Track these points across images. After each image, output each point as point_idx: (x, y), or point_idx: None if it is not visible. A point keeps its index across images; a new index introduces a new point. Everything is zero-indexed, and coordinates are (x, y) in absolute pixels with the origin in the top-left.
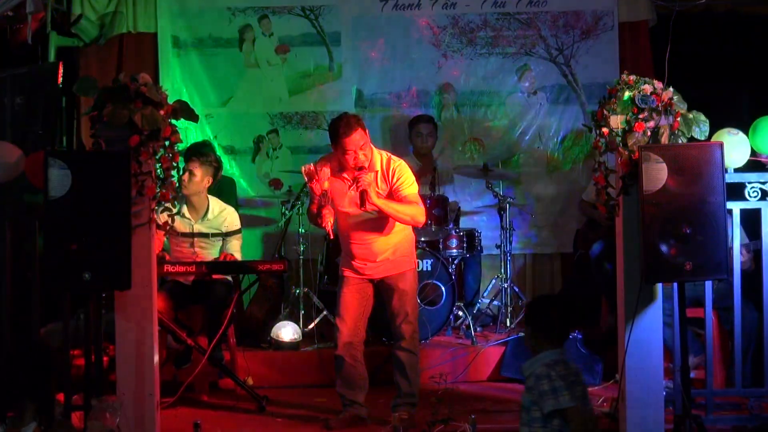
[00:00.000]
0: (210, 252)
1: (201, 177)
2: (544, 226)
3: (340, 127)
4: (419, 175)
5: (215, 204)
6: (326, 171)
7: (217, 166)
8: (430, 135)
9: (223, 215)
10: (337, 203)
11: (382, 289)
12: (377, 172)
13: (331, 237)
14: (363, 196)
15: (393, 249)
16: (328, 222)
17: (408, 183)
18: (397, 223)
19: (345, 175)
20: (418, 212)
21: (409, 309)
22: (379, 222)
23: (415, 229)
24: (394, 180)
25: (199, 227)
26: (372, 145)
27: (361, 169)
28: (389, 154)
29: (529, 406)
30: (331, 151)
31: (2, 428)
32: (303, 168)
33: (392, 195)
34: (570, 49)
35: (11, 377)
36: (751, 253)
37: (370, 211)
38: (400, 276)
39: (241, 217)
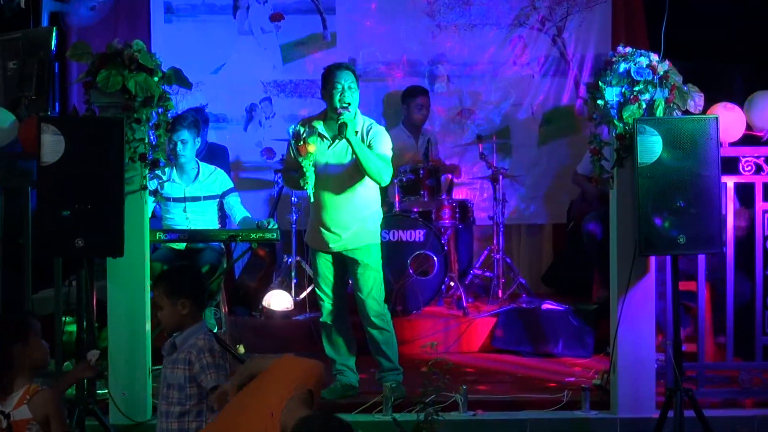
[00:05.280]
0: (203, 216)
1: (192, 141)
2: (536, 197)
3: (334, 64)
4: (409, 147)
5: (205, 167)
6: (313, 136)
7: (198, 122)
8: (426, 107)
9: (214, 176)
10: (317, 163)
11: (347, 264)
12: (357, 132)
13: (312, 200)
14: (342, 127)
15: (361, 222)
16: (311, 183)
17: (380, 143)
18: (368, 197)
19: (326, 133)
20: (385, 168)
21: (373, 284)
22: (353, 192)
23: (408, 198)
24: (369, 138)
25: (190, 191)
26: (359, 110)
27: (345, 107)
28: (372, 120)
29: (185, 382)
30: (312, 116)
31: None
32: (291, 130)
33: None
34: (563, 21)
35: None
36: (748, 222)
37: (346, 139)
38: (364, 249)
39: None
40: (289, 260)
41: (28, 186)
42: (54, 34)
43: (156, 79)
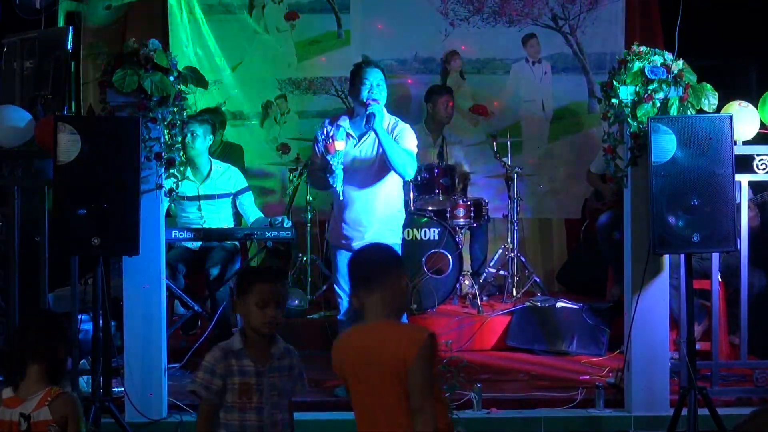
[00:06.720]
0: (218, 215)
1: (203, 136)
2: (548, 194)
3: (363, 61)
4: (427, 146)
5: (217, 164)
6: (341, 133)
7: (213, 122)
8: (451, 105)
9: (227, 174)
10: (344, 161)
11: None
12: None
13: (341, 198)
14: (370, 117)
15: (383, 221)
16: (340, 181)
17: (406, 138)
18: (392, 197)
19: (353, 131)
20: (410, 162)
21: None
22: (377, 190)
23: (422, 197)
24: (394, 134)
25: (204, 188)
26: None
27: (374, 99)
28: (398, 118)
29: (289, 388)
30: (338, 114)
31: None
32: (318, 129)
33: None
34: (576, 18)
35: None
36: (757, 209)
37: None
38: None
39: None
40: (305, 259)
41: (44, 185)
42: (70, 33)
43: (171, 78)
